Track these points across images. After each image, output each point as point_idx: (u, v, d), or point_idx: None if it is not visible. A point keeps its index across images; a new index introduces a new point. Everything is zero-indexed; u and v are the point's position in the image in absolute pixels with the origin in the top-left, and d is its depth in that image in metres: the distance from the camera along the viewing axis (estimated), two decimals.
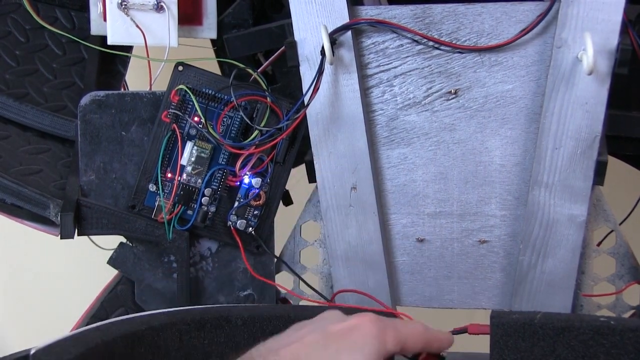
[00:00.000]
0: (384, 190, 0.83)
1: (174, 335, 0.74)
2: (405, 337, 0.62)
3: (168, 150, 0.83)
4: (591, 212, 0.81)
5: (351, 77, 0.79)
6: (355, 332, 0.59)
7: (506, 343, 0.72)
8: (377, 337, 0.59)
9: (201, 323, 0.76)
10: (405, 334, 0.62)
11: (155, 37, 0.83)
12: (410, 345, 0.63)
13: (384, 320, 0.61)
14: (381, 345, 0.59)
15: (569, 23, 0.75)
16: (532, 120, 0.79)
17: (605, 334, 0.70)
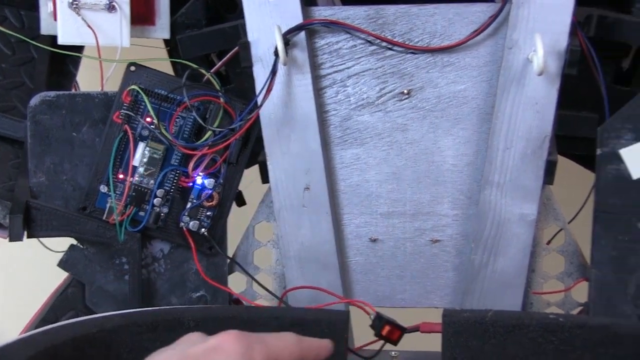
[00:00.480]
0: (337, 190, 0.84)
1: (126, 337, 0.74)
2: (275, 352, 0.58)
3: (120, 151, 0.82)
4: (541, 211, 0.82)
5: (304, 78, 0.80)
6: (219, 352, 0.55)
7: (457, 341, 0.73)
8: (243, 355, 0.55)
9: (153, 325, 0.75)
10: (276, 348, 0.58)
11: (107, 37, 0.82)
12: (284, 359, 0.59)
13: (249, 336, 0.57)
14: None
15: (520, 24, 0.76)
16: (484, 120, 0.80)
17: (554, 331, 0.71)
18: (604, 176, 0.77)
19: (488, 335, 0.72)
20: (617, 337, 0.70)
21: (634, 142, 0.75)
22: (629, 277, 0.77)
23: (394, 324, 0.78)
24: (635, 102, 0.75)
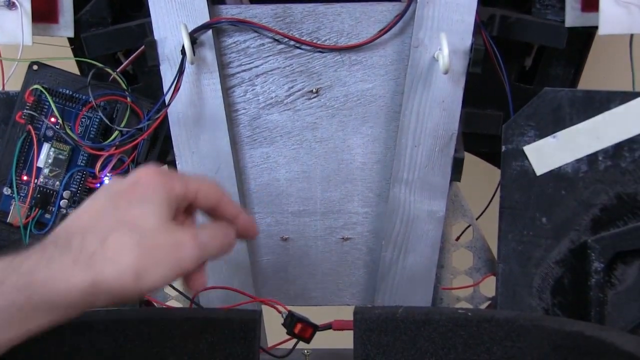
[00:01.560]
0: (248, 189, 0.83)
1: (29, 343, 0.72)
2: (195, 186, 0.61)
3: (23, 152, 0.80)
4: (449, 207, 0.83)
5: (212, 77, 0.79)
6: (140, 185, 0.59)
7: (369, 338, 0.73)
8: (163, 184, 0.59)
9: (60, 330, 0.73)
10: (195, 183, 0.62)
11: (7, 35, 0.80)
12: (202, 196, 0.62)
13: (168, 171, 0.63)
14: (169, 191, 0.59)
15: (425, 24, 0.77)
16: (392, 118, 0.81)
17: (462, 325, 0.72)
18: (509, 173, 0.78)
19: (399, 332, 0.73)
20: (523, 329, 0.71)
21: (537, 139, 0.77)
22: (534, 271, 0.79)
23: (306, 321, 0.78)
24: (537, 100, 0.77)
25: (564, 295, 0.79)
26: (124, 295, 0.56)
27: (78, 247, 0.54)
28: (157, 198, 0.58)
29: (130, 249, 0.55)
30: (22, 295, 0.53)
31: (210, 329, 0.75)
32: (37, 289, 0.53)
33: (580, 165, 0.77)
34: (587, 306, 0.77)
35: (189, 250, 0.58)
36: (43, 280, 0.53)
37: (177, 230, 0.58)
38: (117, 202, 0.58)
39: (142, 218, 0.57)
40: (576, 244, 0.78)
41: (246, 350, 0.75)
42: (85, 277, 0.53)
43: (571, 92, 0.77)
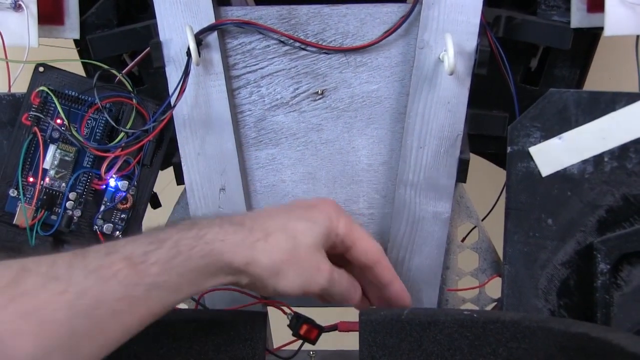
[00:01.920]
0: (253, 191, 0.83)
1: None
2: (357, 236, 0.72)
3: (29, 154, 0.80)
4: (455, 209, 0.83)
5: (218, 78, 0.79)
6: (315, 209, 0.71)
7: (374, 339, 0.73)
8: (332, 218, 0.70)
9: None
10: (360, 234, 0.72)
11: (13, 37, 0.80)
12: (361, 250, 0.72)
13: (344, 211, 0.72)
14: (334, 226, 0.70)
15: (430, 25, 0.77)
16: (397, 119, 0.81)
17: (468, 327, 0.72)
18: (515, 174, 0.78)
19: (404, 333, 0.72)
20: (529, 331, 0.71)
21: (542, 140, 0.77)
22: (540, 272, 0.79)
23: (311, 323, 0.78)
24: (542, 101, 0.77)
25: (570, 296, 0.79)
26: (260, 285, 0.67)
27: (248, 230, 0.66)
28: (322, 224, 0.69)
29: (283, 251, 0.67)
30: (204, 261, 0.64)
31: (216, 330, 0.75)
32: (213, 257, 0.64)
33: (586, 166, 0.77)
34: (593, 308, 0.77)
35: (322, 277, 0.69)
36: (219, 251, 0.64)
37: (322, 257, 0.69)
38: (290, 213, 0.70)
39: (303, 234, 0.68)
40: (582, 246, 0.78)
41: (252, 351, 0.75)
42: (244, 256, 0.65)
43: (577, 93, 0.77)
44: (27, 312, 0.56)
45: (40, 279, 0.57)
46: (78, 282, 0.58)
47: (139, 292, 0.61)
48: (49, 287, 0.57)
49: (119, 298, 0.60)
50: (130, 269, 0.60)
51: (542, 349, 0.70)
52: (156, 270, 0.62)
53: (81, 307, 0.58)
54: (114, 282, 0.59)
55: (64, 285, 0.57)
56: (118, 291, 0.60)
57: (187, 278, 0.64)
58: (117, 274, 0.60)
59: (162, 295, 0.63)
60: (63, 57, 0.82)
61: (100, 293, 0.59)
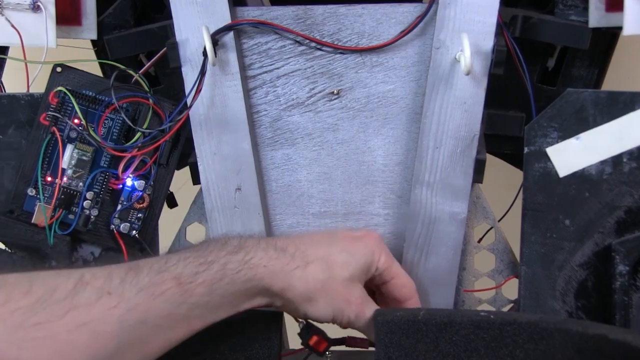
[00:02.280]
0: (269, 190, 0.83)
1: None
2: (395, 272, 0.76)
3: (48, 154, 0.81)
4: (471, 209, 0.83)
5: (234, 78, 0.79)
6: (359, 242, 0.74)
7: (391, 340, 0.73)
8: (374, 252, 0.74)
9: None
10: (397, 271, 0.76)
11: (32, 38, 0.81)
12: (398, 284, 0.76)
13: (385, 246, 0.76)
14: (375, 261, 0.74)
15: (447, 25, 0.76)
16: (413, 120, 0.81)
17: (485, 328, 0.71)
18: (532, 174, 0.78)
19: (421, 334, 0.72)
20: (546, 333, 0.70)
21: (559, 141, 0.76)
22: (557, 273, 0.78)
23: (322, 334, 0.78)
24: (560, 101, 0.76)
25: (588, 298, 0.78)
26: (293, 308, 0.72)
27: (290, 257, 0.70)
28: (362, 260, 0.73)
29: (317, 281, 0.70)
30: (245, 286, 0.68)
31: (231, 330, 0.75)
32: (254, 282, 0.68)
33: (604, 167, 0.76)
34: (612, 309, 0.76)
35: (351, 311, 0.72)
36: (260, 277, 0.68)
37: (356, 291, 0.73)
38: (334, 242, 0.74)
39: (341, 267, 0.72)
40: (600, 247, 0.77)
41: (267, 351, 0.76)
42: (282, 282, 0.69)
43: (595, 93, 0.76)
44: (82, 324, 0.60)
45: (95, 292, 0.61)
46: (129, 297, 0.62)
47: (182, 311, 0.65)
48: (102, 301, 0.61)
49: (164, 315, 0.64)
50: (178, 288, 0.65)
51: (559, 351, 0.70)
52: (201, 291, 0.66)
53: (129, 322, 0.62)
54: (162, 300, 0.64)
55: (116, 300, 0.62)
56: (164, 309, 0.64)
57: (228, 300, 0.68)
58: (165, 292, 0.64)
59: (203, 314, 0.67)
60: (80, 58, 0.83)
61: (148, 309, 0.63)
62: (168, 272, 0.65)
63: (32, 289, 0.60)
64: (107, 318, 0.61)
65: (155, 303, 0.63)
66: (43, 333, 0.58)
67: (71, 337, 0.59)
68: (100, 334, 0.60)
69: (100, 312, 0.61)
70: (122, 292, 0.62)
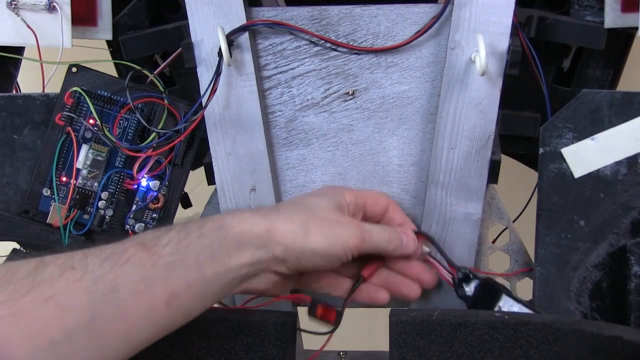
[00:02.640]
0: (284, 191, 0.83)
1: None
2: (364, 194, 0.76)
3: (63, 154, 0.81)
4: (486, 210, 0.83)
5: (249, 79, 0.79)
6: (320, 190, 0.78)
7: (405, 340, 0.73)
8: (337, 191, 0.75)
9: None
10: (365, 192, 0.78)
11: (48, 38, 0.81)
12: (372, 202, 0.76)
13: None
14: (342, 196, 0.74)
15: (462, 25, 0.76)
16: (428, 120, 0.81)
17: (499, 329, 0.71)
18: (547, 175, 0.77)
19: (435, 334, 0.72)
20: (560, 333, 0.70)
21: (575, 141, 0.76)
22: (572, 274, 0.78)
23: (326, 304, 0.76)
24: (575, 102, 0.76)
25: (603, 299, 0.78)
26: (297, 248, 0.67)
27: (262, 211, 0.69)
28: (331, 197, 0.73)
29: (300, 214, 0.69)
30: (217, 235, 0.65)
31: (246, 330, 0.75)
32: (225, 230, 0.65)
33: (619, 167, 0.76)
34: (627, 310, 0.76)
35: (351, 229, 0.70)
36: (229, 224, 0.66)
37: (344, 215, 0.72)
38: (299, 197, 0.77)
39: (315, 203, 0.71)
40: (615, 248, 0.77)
41: (282, 352, 0.76)
42: (261, 223, 0.66)
43: (610, 93, 0.76)
44: (47, 298, 0.57)
45: (57, 269, 0.59)
46: (93, 269, 0.60)
47: (157, 273, 0.62)
48: (66, 275, 0.59)
49: (137, 280, 0.61)
50: (144, 253, 0.62)
51: (574, 352, 0.70)
52: (170, 250, 0.63)
53: (99, 292, 0.59)
54: (130, 266, 0.61)
55: (80, 273, 0.59)
56: (135, 273, 0.61)
57: (207, 255, 0.64)
58: (131, 258, 0.61)
59: (183, 274, 0.63)
60: (96, 58, 0.83)
61: (116, 277, 0.60)
62: (130, 242, 0.63)
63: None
64: (73, 291, 0.59)
65: (123, 270, 0.61)
66: (8, 311, 0.56)
67: (38, 312, 0.57)
68: (68, 307, 0.58)
69: (65, 286, 0.58)
70: (85, 265, 0.60)
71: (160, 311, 0.62)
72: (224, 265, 0.65)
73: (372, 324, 0.84)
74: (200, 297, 0.65)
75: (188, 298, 0.64)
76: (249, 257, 0.66)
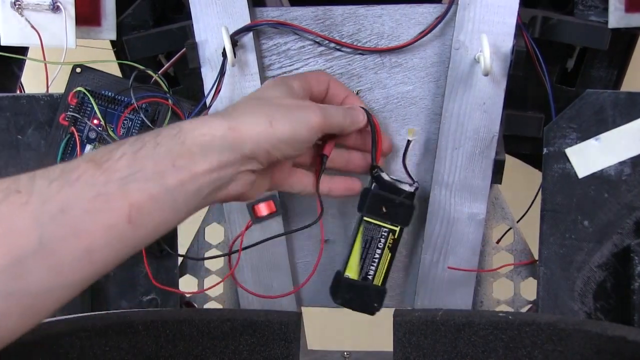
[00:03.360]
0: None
1: (74, 343, 0.73)
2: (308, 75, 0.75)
3: (67, 154, 0.81)
4: (490, 210, 0.83)
5: (253, 79, 0.79)
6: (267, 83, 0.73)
7: (409, 340, 0.73)
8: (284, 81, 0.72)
9: (103, 330, 0.74)
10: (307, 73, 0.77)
11: (51, 38, 0.81)
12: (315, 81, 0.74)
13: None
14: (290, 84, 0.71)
15: (466, 25, 0.76)
16: (432, 120, 0.81)
17: (503, 329, 0.71)
18: (551, 175, 0.78)
19: (439, 334, 0.73)
20: (564, 333, 0.70)
21: (579, 142, 0.76)
22: (576, 274, 0.78)
23: None
24: (579, 102, 0.76)
25: (607, 299, 0.78)
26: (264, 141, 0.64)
27: (219, 112, 0.68)
28: (281, 85, 0.71)
29: (259, 105, 0.67)
30: (175, 142, 0.61)
31: (250, 330, 0.75)
32: (183, 135, 0.61)
33: (623, 167, 0.76)
34: (631, 310, 0.76)
35: (312, 109, 0.68)
36: (186, 128, 0.62)
37: (301, 100, 0.71)
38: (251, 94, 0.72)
39: (268, 93, 0.69)
40: (619, 248, 0.77)
41: (286, 352, 0.76)
42: (223, 123, 0.63)
43: (614, 94, 0.76)
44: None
45: (1, 193, 0.55)
46: (41, 191, 0.56)
47: (112, 189, 0.57)
48: (10, 199, 0.55)
49: (91, 198, 0.57)
50: (96, 169, 0.57)
51: (578, 352, 0.70)
52: (124, 164, 0.58)
53: (47, 213, 0.55)
54: (80, 184, 0.57)
55: (26, 197, 0.55)
56: (88, 191, 0.57)
57: (167, 163, 0.60)
58: (81, 176, 0.57)
59: (143, 186, 0.59)
60: (99, 58, 0.83)
61: (66, 197, 0.56)
62: (79, 160, 0.59)
63: None
64: (18, 214, 0.54)
65: (73, 189, 0.56)
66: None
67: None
68: (14, 230, 0.54)
69: (9, 210, 0.54)
70: (32, 187, 0.56)
71: (121, 227, 0.58)
72: (189, 172, 0.61)
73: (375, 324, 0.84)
74: (168, 210, 0.60)
75: (153, 210, 0.59)
76: (216, 161, 0.62)
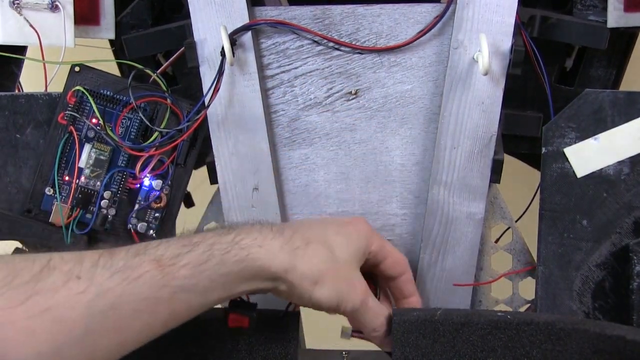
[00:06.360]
0: (286, 190, 0.83)
1: None
2: (389, 251, 0.75)
3: (65, 153, 0.81)
4: (488, 209, 0.83)
5: (252, 78, 0.79)
6: (351, 225, 0.73)
7: (408, 340, 0.73)
8: (367, 235, 0.73)
9: None
10: (390, 249, 0.75)
11: (50, 37, 0.81)
12: (391, 263, 0.75)
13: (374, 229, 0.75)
14: (369, 244, 0.73)
15: (465, 25, 0.76)
16: (431, 120, 0.81)
17: (502, 328, 0.71)
18: (549, 175, 0.78)
19: (438, 334, 0.72)
20: (563, 333, 0.70)
21: (577, 141, 0.76)
22: (575, 273, 0.78)
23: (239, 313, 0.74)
24: (578, 101, 0.76)
25: (605, 298, 0.78)
26: (297, 293, 0.67)
27: (288, 238, 0.67)
28: (357, 241, 0.72)
29: (322, 261, 0.68)
30: (238, 267, 0.64)
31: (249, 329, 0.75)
32: (248, 262, 0.64)
33: (622, 167, 0.76)
34: (629, 310, 0.76)
35: (357, 295, 0.70)
36: (255, 257, 0.64)
37: (358, 275, 0.71)
38: (328, 226, 0.72)
39: (339, 248, 0.70)
40: (618, 247, 0.77)
41: (285, 351, 0.76)
42: (283, 262, 0.66)
43: (613, 93, 0.76)
44: (44, 309, 0.56)
45: (62, 277, 0.57)
46: (100, 282, 0.58)
47: (164, 294, 0.61)
48: (69, 285, 0.57)
49: (141, 299, 0.60)
50: (158, 271, 0.61)
51: (576, 352, 0.70)
52: (185, 273, 0.62)
53: (99, 307, 0.58)
54: (139, 284, 0.60)
55: (85, 285, 0.58)
56: (141, 292, 0.60)
57: (219, 282, 0.64)
58: (143, 275, 0.60)
59: (189, 298, 0.63)
60: (98, 57, 0.83)
61: (122, 294, 0.59)
62: (147, 255, 0.61)
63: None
64: (72, 303, 0.57)
65: (131, 287, 0.59)
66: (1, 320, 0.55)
67: (31, 323, 0.55)
68: (63, 320, 0.56)
69: (65, 297, 0.57)
70: (93, 276, 0.58)
71: (158, 328, 0.62)
72: (232, 292, 0.66)
73: None
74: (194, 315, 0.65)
75: (186, 316, 0.64)
76: (257, 286, 0.67)
